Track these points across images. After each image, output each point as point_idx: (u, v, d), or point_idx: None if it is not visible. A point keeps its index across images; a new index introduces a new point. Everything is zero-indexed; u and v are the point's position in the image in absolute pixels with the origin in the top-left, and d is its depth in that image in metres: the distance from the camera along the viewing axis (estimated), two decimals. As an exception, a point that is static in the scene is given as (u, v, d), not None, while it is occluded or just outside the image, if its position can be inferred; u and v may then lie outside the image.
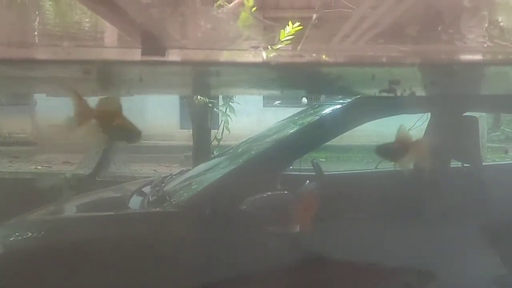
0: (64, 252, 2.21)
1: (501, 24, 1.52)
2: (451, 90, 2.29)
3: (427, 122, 2.95)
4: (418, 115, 3.10)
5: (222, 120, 5.10)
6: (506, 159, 7.90)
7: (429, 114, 2.90)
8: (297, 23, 1.86)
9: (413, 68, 1.45)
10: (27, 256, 2.23)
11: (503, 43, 1.50)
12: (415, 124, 2.99)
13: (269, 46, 1.72)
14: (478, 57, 1.56)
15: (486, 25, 1.52)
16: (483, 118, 7.30)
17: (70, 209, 2.99)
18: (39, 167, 8.02)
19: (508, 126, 9.60)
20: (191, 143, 5.40)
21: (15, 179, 6.58)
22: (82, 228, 2.40)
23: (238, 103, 5.10)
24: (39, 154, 8.64)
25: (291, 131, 2.72)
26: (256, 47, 1.69)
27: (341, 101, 2.67)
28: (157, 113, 9.45)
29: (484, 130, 7.63)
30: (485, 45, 1.50)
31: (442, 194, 2.35)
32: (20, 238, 2.44)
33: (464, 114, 2.64)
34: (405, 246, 2.21)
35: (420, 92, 2.11)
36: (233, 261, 2.20)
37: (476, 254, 2.27)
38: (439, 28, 1.51)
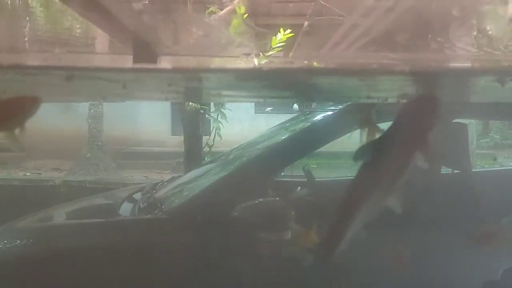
0: (54, 260, 2.19)
1: (490, 32, 1.54)
2: (441, 97, 2.31)
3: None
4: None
5: (213, 127, 5.11)
6: (495, 165, 7.99)
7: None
8: (289, 30, 1.87)
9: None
10: (16, 264, 2.20)
11: (495, 52, 1.53)
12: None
13: (260, 53, 1.73)
14: (467, 65, 1.58)
15: (474, 33, 1.54)
16: (472, 125, 7.39)
17: (60, 216, 2.96)
18: (28, 173, 7.95)
19: (497, 132, 9.71)
20: (182, 149, 5.39)
21: (3, 186, 6.51)
22: (72, 236, 2.38)
23: (230, 110, 5.11)
24: (28, 160, 8.57)
25: (282, 138, 2.72)
26: (248, 54, 1.69)
27: (333, 108, 2.69)
28: (148, 119, 9.43)
29: (474, 136, 7.72)
30: (474, 53, 1.52)
31: (433, 199, 2.37)
32: (8, 246, 2.41)
33: (454, 121, 2.67)
34: (396, 252, 2.22)
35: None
36: (225, 268, 2.19)
37: (466, 259, 2.28)
38: (429, 37, 1.53)
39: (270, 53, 1.77)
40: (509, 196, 2.45)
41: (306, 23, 2.08)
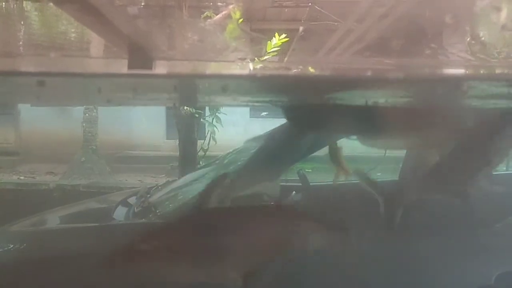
0: (47, 264, 2.17)
1: (482, 39, 1.56)
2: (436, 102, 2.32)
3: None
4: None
5: (208, 131, 5.11)
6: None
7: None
8: (284, 35, 1.88)
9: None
10: (9, 269, 2.19)
11: (492, 60, 1.54)
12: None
13: (256, 58, 1.73)
14: (460, 71, 1.60)
15: (468, 39, 1.56)
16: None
17: (54, 220, 2.94)
18: (22, 177, 7.90)
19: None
20: (177, 153, 5.38)
21: (-3, 190, 6.48)
22: (66, 240, 2.36)
23: (225, 114, 5.12)
24: (23, 164, 8.51)
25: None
26: (243, 59, 1.70)
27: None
28: (143, 123, 9.40)
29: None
30: (467, 60, 1.53)
31: (426, 204, 2.37)
32: (1, 250, 2.39)
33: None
34: (390, 257, 2.22)
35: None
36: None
37: (460, 264, 2.29)
38: (422, 43, 1.55)
39: (265, 58, 1.78)
40: (505, 199, 2.47)
41: (301, 28, 2.09)
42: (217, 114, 5.00)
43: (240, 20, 1.83)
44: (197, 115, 4.88)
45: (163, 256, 1.47)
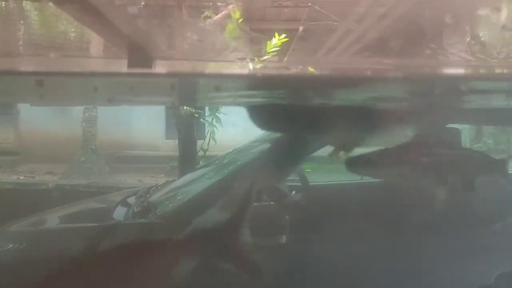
0: (47, 264, 2.17)
1: (482, 39, 1.56)
2: (434, 103, 2.33)
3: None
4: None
5: (208, 131, 5.11)
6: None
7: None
8: (284, 35, 1.88)
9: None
10: (8, 268, 2.19)
11: (492, 59, 1.54)
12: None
13: (255, 58, 1.73)
14: (460, 71, 1.60)
15: (468, 39, 1.56)
16: (465, 130, 7.42)
17: (53, 220, 2.94)
18: (22, 177, 7.90)
19: (490, 137, 9.76)
20: (177, 153, 5.38)
21: (-3, 190, 6.47)
22: (65, 240, 2.36)
23: (225, 114, 5.11)
24: (22, 164, 8.51)
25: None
26: (242, 59, 1.70)
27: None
28: (142, 123, 9.40)
29: (467, 141, 7.75)
30: (467, 60, 1.54)
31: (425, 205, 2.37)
32: (1, 250, 2.39)
33: (447, 126, 2.68)
34: (390, 257, 2.23)
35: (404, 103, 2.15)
36: (219, 272, 2.18)
37: (459, 264, 2.29)
38: (422, 43, 1.55)
39: (265, 58, 1.78)
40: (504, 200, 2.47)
41: (301, 28, 2.09)
42: (216, 114, 5.00)
43: (240, 20, 1.83)
44: (196, 115, 4.88)
45: None
